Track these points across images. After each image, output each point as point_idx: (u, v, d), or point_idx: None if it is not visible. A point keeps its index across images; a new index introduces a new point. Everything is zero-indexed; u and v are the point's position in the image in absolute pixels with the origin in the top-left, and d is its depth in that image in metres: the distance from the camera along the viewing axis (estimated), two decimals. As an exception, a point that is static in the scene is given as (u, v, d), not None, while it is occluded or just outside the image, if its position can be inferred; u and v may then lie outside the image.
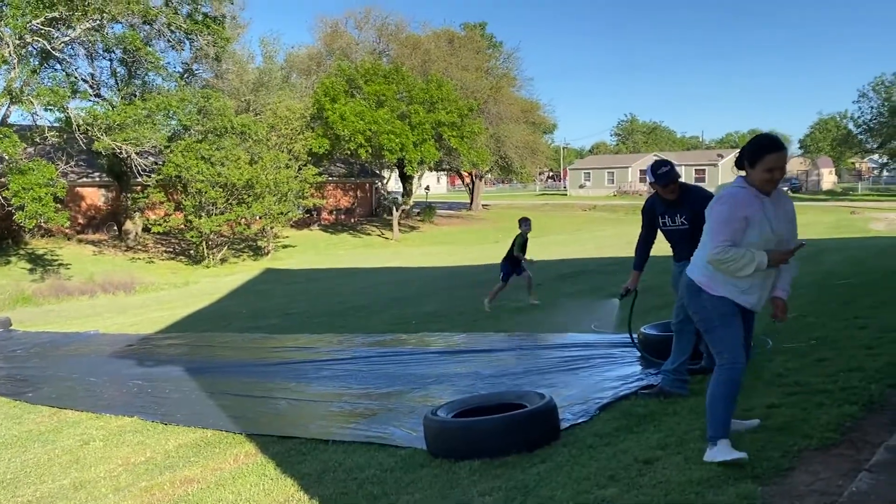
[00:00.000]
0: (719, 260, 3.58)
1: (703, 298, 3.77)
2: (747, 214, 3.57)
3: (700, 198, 5.39)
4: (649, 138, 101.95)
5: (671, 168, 5.40)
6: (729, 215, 3.58)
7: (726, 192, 3.70)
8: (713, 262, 3.62)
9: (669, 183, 5.39)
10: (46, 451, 5.55)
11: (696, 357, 5.66)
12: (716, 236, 3.60)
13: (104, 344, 10.66)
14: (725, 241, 3.56)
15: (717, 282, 3.73)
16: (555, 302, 10.72)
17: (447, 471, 4.09)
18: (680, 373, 5.19)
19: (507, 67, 54.46)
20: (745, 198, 3.59)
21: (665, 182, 5.38)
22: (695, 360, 5.66)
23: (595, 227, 42.16)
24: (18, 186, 22.61)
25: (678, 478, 3.54)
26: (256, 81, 40.56)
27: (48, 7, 23.17)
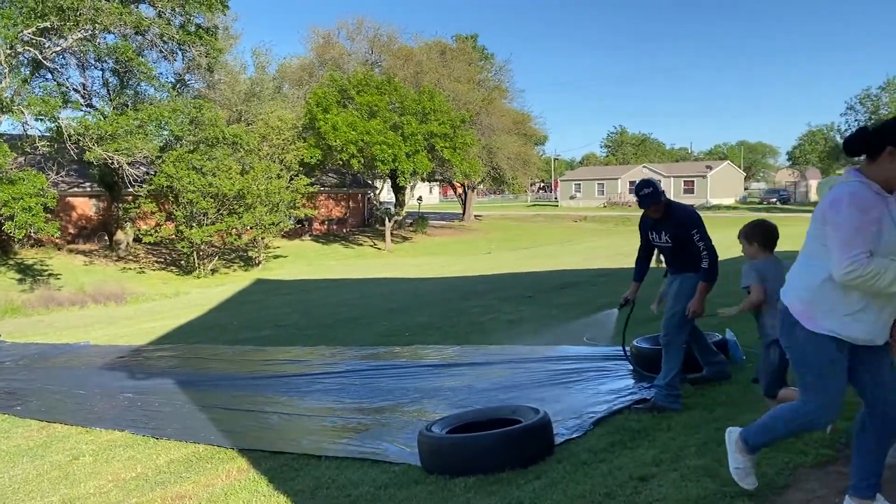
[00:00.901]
0: (859, 276, 2.77)
1: (798, 335, 3.04)
2: (877, 216, 2.82)
3: (679, 220, 5.45)
4: (638, 150, 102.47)
5: (653, 190, 5.43)
6: (861, 219, 2.79)
7: (844, 190, 2.88)
8: (849, 281, 2.80)
9: (651, 204, 5.46)
10: (35, 466, 5.49)
11: (696, 368, 5.66)
12: (849, 248, 2.78)
13: (94, 355, 10.58)
14: (862, 252, 2.77)
15: (819, 310, 2.97)
16: (547, 314, 10.70)
17: (442, 487, 4.06)
18: (672, 387, 5.19)
19: (499, 79, 54.76)
20: (871, 197, 2.84)
21: (647, 204, 5.46)
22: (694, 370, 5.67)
23: (585, 238, 42.27)
24: (8, 196, 22.48)
25: (675, 495, 3.53)
26: (248, 92, 40.54)
27: (40, 17, 23.12)
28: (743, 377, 5.62)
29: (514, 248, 37.74)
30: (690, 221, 5.42)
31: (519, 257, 29.35)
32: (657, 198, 5.44)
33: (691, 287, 5.34)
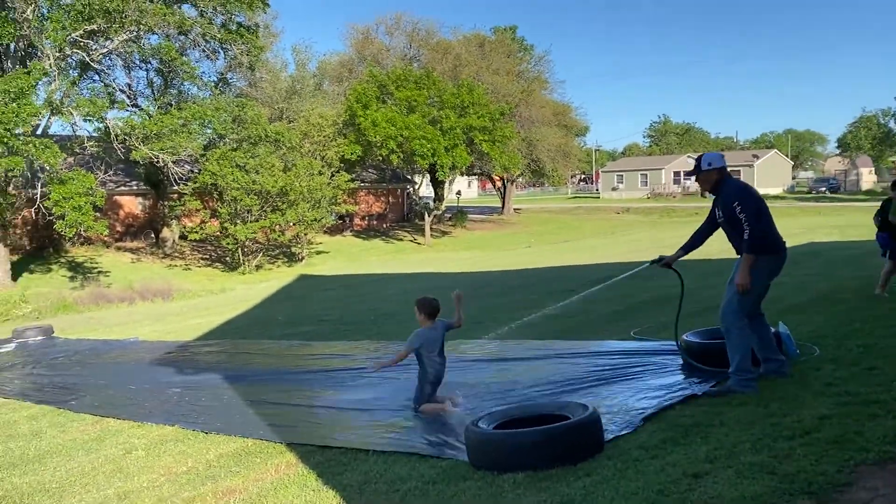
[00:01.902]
0: None
1: None
2: None
3: (725, 194, 5.36)
4: (683, 139, 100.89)
5: (695, 164, 5.45)
6: None
7: None
8: None
9: (696, 178, 5.48)
10: (90, 459, 5.61)
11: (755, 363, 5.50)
12: None
13: (144, 351, 10.79)
14: None
15: None
16: (591, 308, 10.58)
17: (490, 483, 4.03)
18: (744, 371, 5.11)
19: (539, 70, 54.36)
20: None
21: (693, 178, 5.50)
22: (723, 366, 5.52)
23: (628, 230, 41.74)
24: (59, 196, 23.08)
25: (730, 493, 3.44)
26: (289, 89, 40.97)
27: (87, 20, 23.65)
28: (798, 371, 5.48)
29: (555, 241, 37.46)
30: (733, 193, 5.29)
31: (560, 251, 29.13)
32: (695, 171, 5.39)
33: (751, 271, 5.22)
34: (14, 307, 19.28)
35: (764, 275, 5.31)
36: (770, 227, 5.30)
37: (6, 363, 10.81)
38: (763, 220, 5.24)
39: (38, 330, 13.42)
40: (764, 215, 5.27)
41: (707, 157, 5.47)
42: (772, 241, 5.30)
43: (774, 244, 5.32)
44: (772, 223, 5.35)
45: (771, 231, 5.30)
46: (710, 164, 5.42)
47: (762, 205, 5.33)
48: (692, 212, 48.97)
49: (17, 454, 5.93)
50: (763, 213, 5.27)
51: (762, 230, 5.19)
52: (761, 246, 5.19)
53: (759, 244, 5.18)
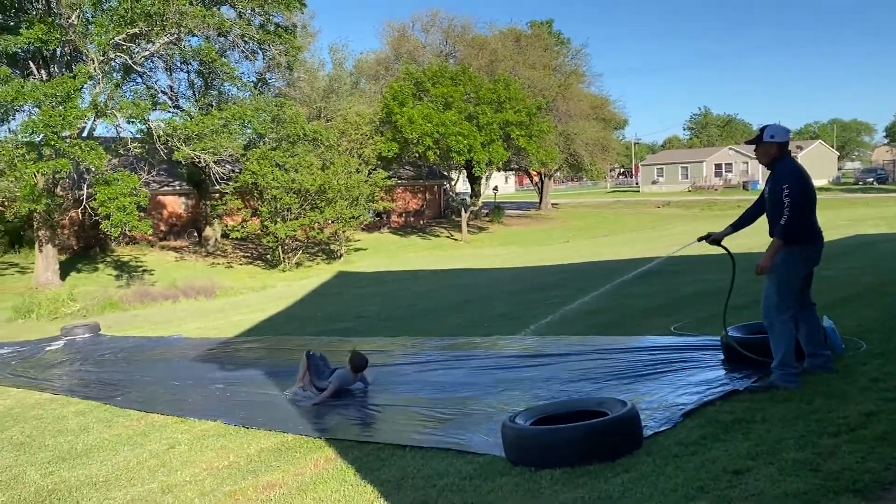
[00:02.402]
0: None
1: None
2: None
3: (776, 173, 5.21)
4: (724, 131, 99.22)
5: (757, 134, 5.31)
6: None
7: None
8: None
9: (750, 144, 5.40)
10: (135, 454, 5.73)
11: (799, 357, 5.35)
12: None
13: (187, 348, 10.98)
14: None
15: None
16: (630, 303, 10.47)
17: (528, 479, 4.02)
18: (787, 366, 5.01)
19: (576, 64, 53.97)
20: None
21: (749, 143, 5.44)
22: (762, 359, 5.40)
23: (669, 224, 41.18)
24: (104, 196, 23.64)
25: (772, 490, 3.37)
26: (327, 88, 41.32)
27: (129, 24, 24.13)
28: (843, 366, 5.35)
29: (593, 236, 37.15)
30: (786, 174, 5.13)
31: (598, 245, 28.88)
32: (755, 141, 5.27)
33: (781, 261, 5.10)
34: (62, 305, 19.78)
35: (799, 265, 5.15)
36: (809, 217, 5.17)
37: (55, 360, 11.11)
38: (805, 210, 5.10)
39: (85, 327, 13.75)
40: (808, 204, 5.14)
41: (771, 129, 5.25)
42: (807, 231, 5.15)
43: (809, 234, 5.17)
44: (813, 214, 5.22)
45: (809, 222, 5.16)
46: (773, 137, 5.22)
47: (810, 194, 5.17)
48: (734, 204, 48.12)
49: (66, 448, 6.10)
50: (808, 203, 5.13)
51: (800, 220, 5.05)
52: (793, 235, 5.06)
53: (792, 233, 5.05)
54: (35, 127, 22.22)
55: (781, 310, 5.12)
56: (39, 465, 5.70)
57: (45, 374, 9.86)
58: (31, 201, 23.00)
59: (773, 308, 5.14)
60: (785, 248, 5.09)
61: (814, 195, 5.23)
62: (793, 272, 5.13)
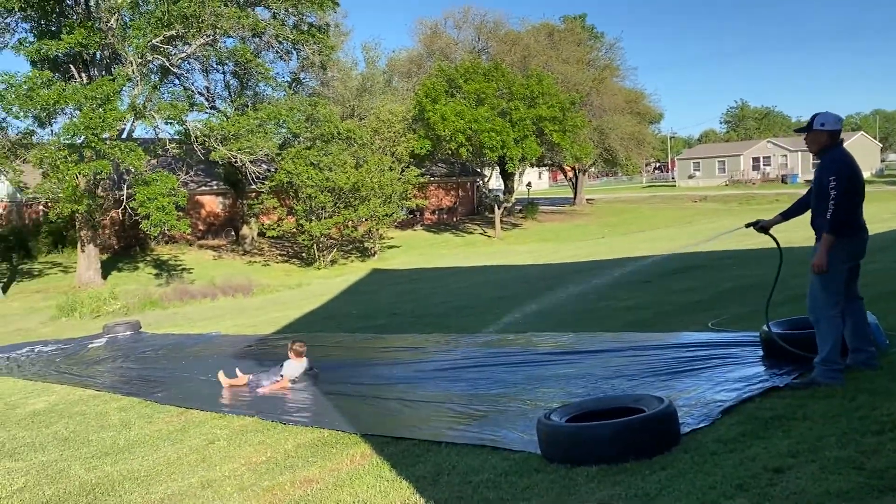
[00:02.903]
0: None
1: None
2: None
3: (824, 163, 5.10)
4: (762, 124, 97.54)
5: (811, 119, 5.16)
6: None
7: None
8: None
9: (801, 133, 5.28)
10: (175, 449, 5.84)
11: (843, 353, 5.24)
12: None
13: (225, 345, 11.14)
14: None
15: None
16: (666, 299, 10.36)
17: (563, 476, 4.00)
18: (830, 362, 4.91)
19: (610, 58, 53.49)
20: None
21: (799, 132, 5.32)
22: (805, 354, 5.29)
23: (706, 219, 40.61)
24: (144, 197, 24.07)
25: (814, 489, 3.31)
26: (360, 87, 41.50)
27: (166, 26, 24.52)
28: (887, 362, 5.22)
29: (629, 231, 36.79)
30: (833, 165, 5.00)
31: (634, 241, 28.59)
32: (806, 129, 5.15)
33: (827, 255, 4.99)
34: (104, 304, 20.20)
35: (841, 258, 5.02)
36: (854, 210, 5.03)
37: (98, 357, 11.35)
38: (852, 202, 4.98)
39: (126, 325, 14.03)
40: (855, 197, 5.01)
41: (822, 117, 5.11)
42: (852, 224, 5.03)
43: (854, 227, 5.04)
44: (860, 207, 5.09)
45: (853, 214, 5.03)
46: (823, 125, 5.09)
47: (858, 186, 5.03)
48: (772, 199, 47.29)
49: (109, 444, 6.23)
50: (855, 195, 5.00)
51: (846, 213, 4.94)
52: (839, 228, 4.95)
53: (838, 225, 4.93)
54: (76, 129, 22.70)
55: (828, 304, 5.01)
56: (83, 460, 5.84)
57: (88, 371, 10.09)
58: (73, 202, 23.51)
59: (819, 303, 5.04)
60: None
61: (862, 187, 5.10)
62: (836, 266, 5.02)
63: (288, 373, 7.53)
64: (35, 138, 25.45)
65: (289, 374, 7.53)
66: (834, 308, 5.02)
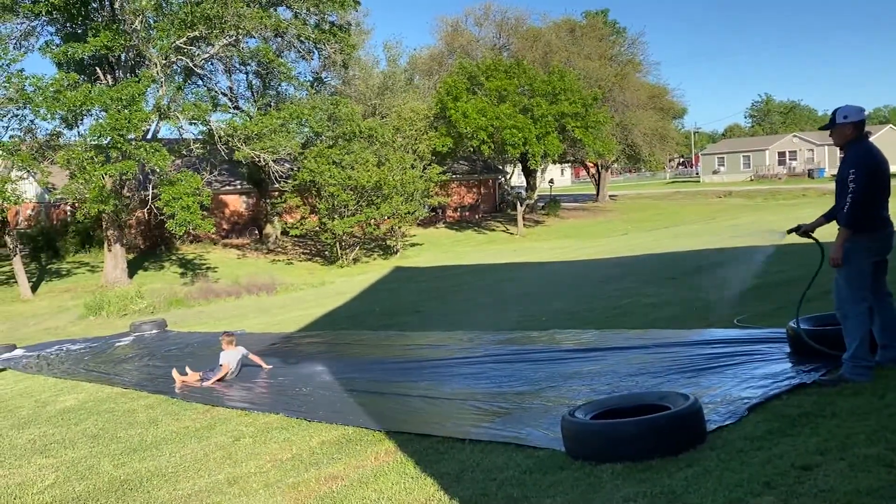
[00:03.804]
0: None
1: None
2: None
3: (849, 157, 5.03)
4: (787, 118, 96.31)
5: (833, 114, 5.11)
6: None
7: None
8: None
9: (825, 129, 5.21)
10: (202, 446, 5.90)
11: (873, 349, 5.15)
12: None
13: (249, 343, 11.16)
14: None
15: None
16: (692, 296, 10.26)
17: (588, 474, 3.98)
18: (859, 359, 4.85)
19: (632, 53, 53.05)
20: None
21: (824, 129, 5.24)
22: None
23: (731, 214, 40.15)
24: (169, 196, 24.34)
25: (843, 487, 3.27)
26: (381, 85, 41.58)
27: (189, 27, 24.76)
28: (918, 360, 5.13)
29: (653, 227, 36.49)
30: (855, 159, 4.94)
31: (658, 237, 28.37)
32: (830, 125, 5.10)
33: (846, 251, 4.92)
34: (131, 302, 20.46)
35: (865, 255, 4.95)
36: (875, 204, 4.94)
37: (125, 355, 11.51)
38: (872, 197, 4.89)
39: (152, 324, 14.20)
40: (876, 191, 4.92)
41: (843, 110, 5.06)
42: (873, 219, 4.94)
43: (876, 222, 4.96)
44: (879, 200, 4.98)
45: (874, 208, 4.94)
46: (846, 118, 5.03)
47: (880, 180, 4.95)
48: (798, 193, 46.66)
49: (136, 441, 6.31)
50: (876, 189, 4.91)
51: (864, 207, 4.86)
52: (858, 223, 4.88)
53: (854, 219, 4.87)
54: (102, 130, 23.01)
55: (854, 300, 4.94)
56: (112, 457, 5.92)
57: (115, 369, 10.23)
58: (99, 202, 23.83)
59: (845, 299, 4.98)
60: (850, 237, 4.93)
61: (885, 181, 5.01)
62: (859, 262, 4.95)
63: (224, 360, 8.26)
64: (62, 139, 25.86)
65: (225, 360, 8.25)
66: (860, 304, 4.95)
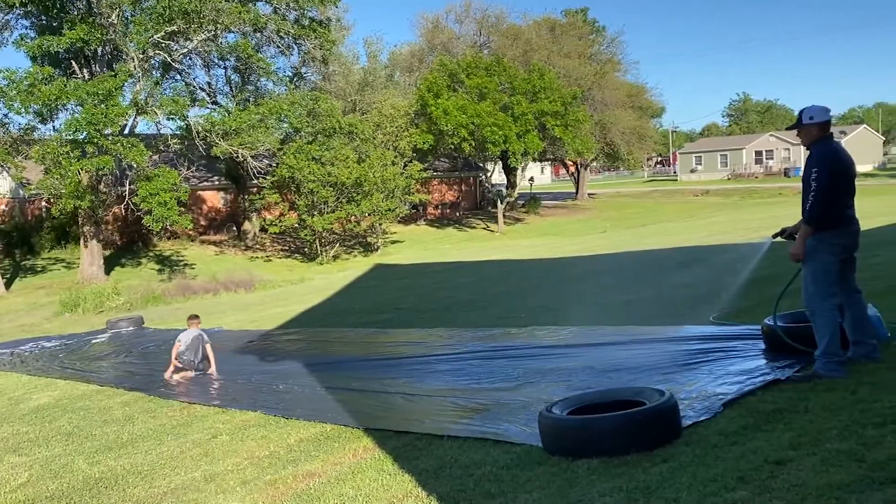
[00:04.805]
0: None
1: None
2: None
3: (814, 157, 5.09)
4: (764, 118, 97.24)
5: (799, 114, 5.19)
6: None
7: None
8: None
9: (791, 129, 5.27)
10: (179, 443, 5.86)
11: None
12: None
13: (227, 340, 11.15)
14: None
15: None
16: (668, 293, 10.35)
17: (565, 469, 4.01)
18: (830, 355, 4.91)
19: (612, 52, 53.33)
20: None
21: (790, 129, 5.31)
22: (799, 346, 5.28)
23: (708, 212, 40.53)
24: (146, 192, 24.09)
25: (815, 481, 3.32)
26: (362, 81, 41.45)
27: (167, 22, 24.49)
28: (889, 355, 5.22)
29: (631, 225, 36.73)
30: (819, 158, 5.01)
31: (636, 235, 28.57)
32: (796, 125, 5.17)
33: (812, 248, 4.99)
34: (107, 299, 20.25)
35: (830, 251, 5.02)
36: (837, 202, 4.99)
37: (101, 352, 11.39)
38: (835, 195, 4.94)
39: (129, 321, 14.07)
40: (839, 190, 4.97)
41: (809, 111, 5.13)
42: (836, 217, 5.00)
43: (840, 220, 5.02)
44: (843, 199, 5.03)
45: (838, 206, 4.99)
46: (812, 119, 5.10)
47: (842, 179, 5.00)
48: (775, 192, 47.19)
49: (112, 438, 6.25)
50: (838, 188, 4.96)
51: (827, 206, 4.92)
52: (821, 221, 4.94)
53: (817, 217, 4.93)
54: (79, 125, 22.71)
55: (822, 297, 5.01)
56: (87, 455, 5.86)
57: (91, 367, 10.12)
58: (75, 198, 23.52)
59: (813, 296, 5.05)
60: (815, 235, 5.00)
61: (847, 180, 5.07)
62: (824, 259, 5.02)
63: (180, 337, 8.57)
64: (37, 134, 25.48)
65: (180, 337, 8.56)
66: (827, 300, 5.02)
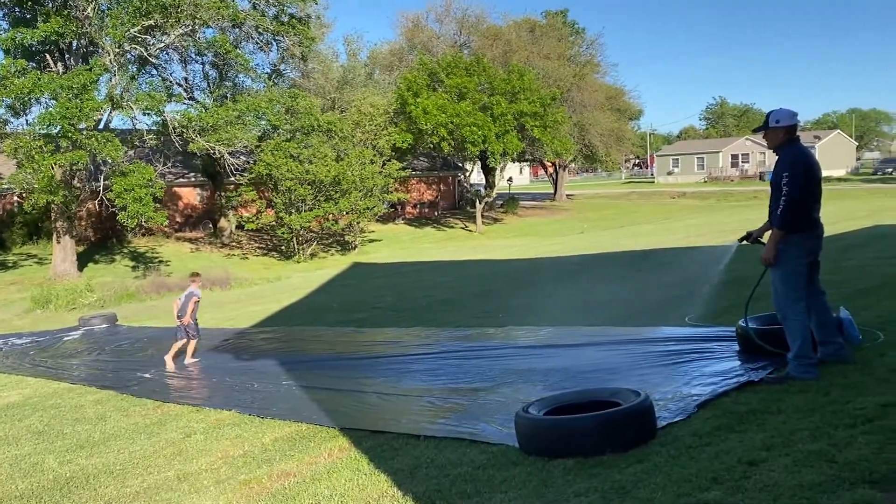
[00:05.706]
0: None
1: None
2: None
3: (782, 160, 5.14)
4: (741, 121, 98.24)
5: (766, 117, 5.26)
6: None
7: None
8: None
9: (758, 132, 5.36)
10: (152, 443, 5.79)
11: None
12: None
13: (202, 338, 11.02)
14: None
15: None
16: (645, 294, 10.43)
17: (540, 469, 4.02)
18: (803, 357, 4.97)
19: (591, 54, 53.62)
20: None
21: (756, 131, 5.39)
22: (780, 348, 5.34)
23: (685, 215, 40.91)
24: (121, 188, 23.78)
25: (787, 481, 3.35)
26: (341, 79, 41.27)
27: (144, 16, 24.20)
28: (861, 357, 5.30)
29: (609, 227, 36.97)
30: (788, 161, 5.07)
31: (614, 236, 28.75)
32: (763, 128, 5.22)
33: (780, 252, 5.05)
34: (80, 296, 19.97)
35: (799, 253, 5.08)
36: (808, 206, 5.05)
37: (73, 350, 11.24)
38: (805, 198, 5.00)
39: (102, 318, 13.90)
40: (809, 194, 5.03)
41: (776, 114, 5.19)
42: (805, 220, 5.06)
43: (807, 223, 5.08)
44: (812, 203, 5.10)
45: (808, 210, 5.06)
46: (778, 122, 5.17)
47: (811, 183, 5.06)
48: (750, 195, 47.73)
49: (84, 437, 6.17)
50: (808, 192, 5.02)
51: (798, 209, 4.97)
52: (789, 223, 4.99)
53: (787, 221, 4.99)
54: (52, 119, 22.35)
55: (792, 300, 5.08)
56: (58, 453, 5.77)
57: (63, 364, 9.99)
58: (48, 193, 23.16)
59: (783, 299, 5.11)
60: (783, 239, 5.05)
61: (816, 184, 5.13)
62: (793, 262, 5.08)
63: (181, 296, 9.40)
64: (9, 128, 25.04)
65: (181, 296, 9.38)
66: (797, 303, 5.08)
